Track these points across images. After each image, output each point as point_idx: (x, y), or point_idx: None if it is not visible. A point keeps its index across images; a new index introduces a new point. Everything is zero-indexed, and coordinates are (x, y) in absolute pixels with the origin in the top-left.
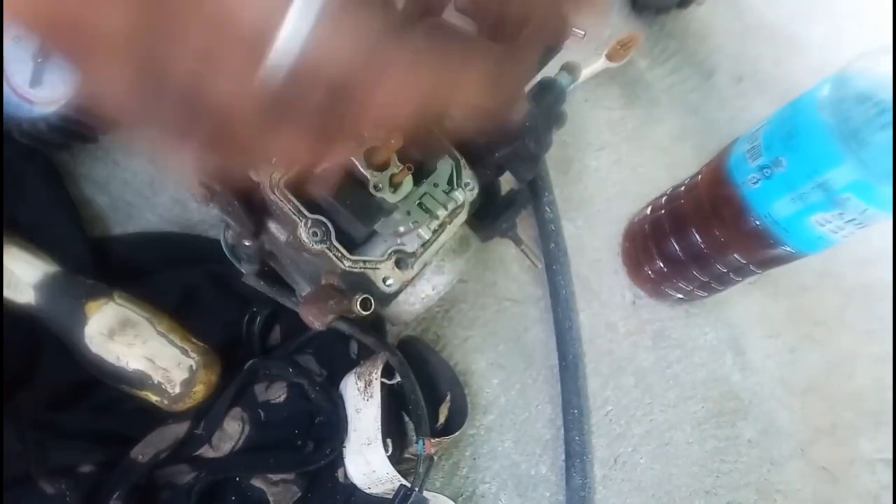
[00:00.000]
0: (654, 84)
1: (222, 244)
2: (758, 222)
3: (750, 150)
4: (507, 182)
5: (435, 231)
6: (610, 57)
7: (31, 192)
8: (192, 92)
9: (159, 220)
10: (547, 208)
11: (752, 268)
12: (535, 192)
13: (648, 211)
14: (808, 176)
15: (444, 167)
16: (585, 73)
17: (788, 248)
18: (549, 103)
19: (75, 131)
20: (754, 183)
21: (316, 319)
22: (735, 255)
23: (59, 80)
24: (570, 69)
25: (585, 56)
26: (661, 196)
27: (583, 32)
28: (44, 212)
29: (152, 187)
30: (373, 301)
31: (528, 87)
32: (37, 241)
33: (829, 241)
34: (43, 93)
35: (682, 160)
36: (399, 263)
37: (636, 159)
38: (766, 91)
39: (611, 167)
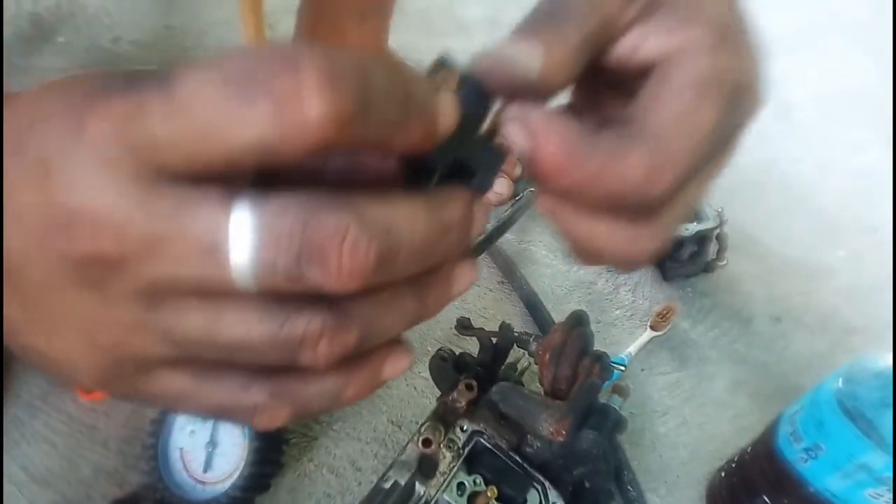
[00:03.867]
0: (699, 341)
1: None
2: (818, 495)
3: (792, 434)
4: None
5: None
6: (653, 327)
7: None
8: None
9: None
10: (629, 487)
11: None
12: (615, 475)
13: (723, 475)
14: (847, 459)
15: (532, 495)
16: (635, 345)
17: None
18: (608, 428)
19: (240, 501)
20: (804, 461)
21: None
22: None
23: (224, 462)
24: (619, 391)
25: (632, 329)
26: (732, 461)
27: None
28: None
29: None
30: None
31: None
32: None
33: None
34: (214, 474)
35: (742, 410)
36: None
37: (700, 418)
38: (805, 325)
39: (678, 430)
